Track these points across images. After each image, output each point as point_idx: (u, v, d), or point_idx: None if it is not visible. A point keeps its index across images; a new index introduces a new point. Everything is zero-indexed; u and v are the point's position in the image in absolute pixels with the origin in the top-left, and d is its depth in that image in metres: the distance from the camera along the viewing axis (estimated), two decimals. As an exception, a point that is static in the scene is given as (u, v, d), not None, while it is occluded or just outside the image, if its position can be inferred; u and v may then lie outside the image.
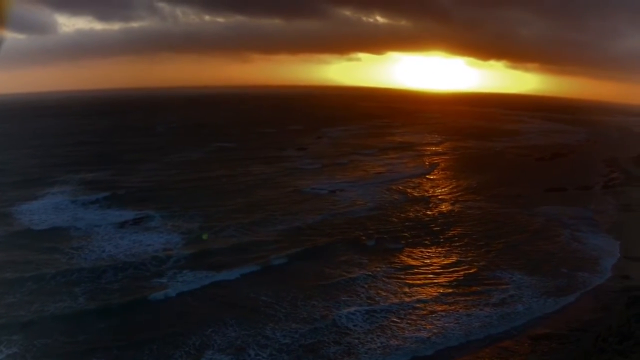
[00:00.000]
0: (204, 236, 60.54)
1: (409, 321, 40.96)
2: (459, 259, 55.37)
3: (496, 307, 43.93)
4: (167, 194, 77.34)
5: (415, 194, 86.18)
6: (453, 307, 43.60)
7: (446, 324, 40.66)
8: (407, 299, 44.91)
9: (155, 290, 44.54)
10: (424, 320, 41.21)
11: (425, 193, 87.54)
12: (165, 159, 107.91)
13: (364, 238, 60.51)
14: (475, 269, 52.29)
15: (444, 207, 77.91)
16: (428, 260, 54.64)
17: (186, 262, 50.48)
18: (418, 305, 43.79)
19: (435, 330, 39.68)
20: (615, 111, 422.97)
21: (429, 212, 74.20)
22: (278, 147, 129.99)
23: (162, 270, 48.61)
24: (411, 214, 72.96)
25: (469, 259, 55.44)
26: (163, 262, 50.39)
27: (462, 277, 50.14)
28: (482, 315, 42.35)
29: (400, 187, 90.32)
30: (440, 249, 58.38)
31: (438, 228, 66.32)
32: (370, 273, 50.05)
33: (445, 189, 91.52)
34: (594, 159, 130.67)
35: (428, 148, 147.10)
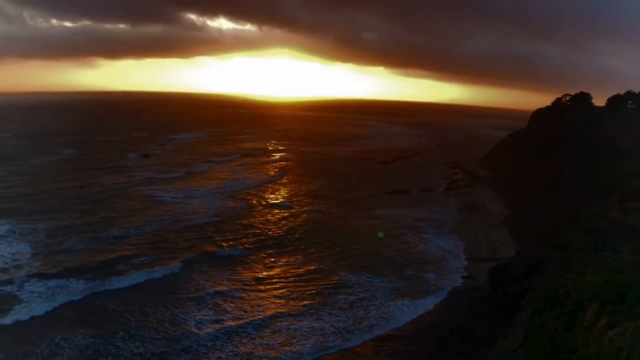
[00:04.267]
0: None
1: (260, 330, 41.65)
2: (307, 266, 56.44)
3: (346, 311, 45.51)
4: (15, 205, 72.90)
5: (267, 201, 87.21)
6: (305, 316, 44.49)
7: (298, 332, 41.62)
8: (258, 309, 45.36)
9: (3, 300, 43.45)
10: (275, 329, 41.95)
11: (277, 200, 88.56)
12: (10, 168, 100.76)
13: (215, 248, 60.26)
14: (323, 275, 53.64)
15: (293, 214, 79.08)
16: (279, 270, 55.42)
17: (36, 272, 49.36)
18: (269, 314, 44.43)
19: (285, 338, 40.57)
20: (462, 113, 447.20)
21: (280, 220, 75.04)
22: (123, 155, 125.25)
23: (11, 280, 47.26)
24: (263, 221, 73.67)
25: (315, 265, 56.68)
26: (12, 272, 49.14)
27: (311, 285, 51.24)
28: (335, 321, 43.75)
29: (252, 194, 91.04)
30: (289, 257, 59.26)
31: (288, 236, 67.44)
32: (221, 285, 50.14)
33: (294, 195, 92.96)
34: (437, 162, 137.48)
35: (277, 154, 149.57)
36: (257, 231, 68.14)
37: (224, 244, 61.63)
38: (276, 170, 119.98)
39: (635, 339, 14.66)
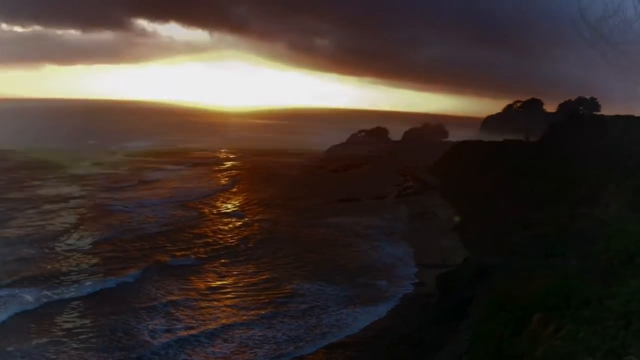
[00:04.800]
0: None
1: (212, 339, 41.51)
2: (260, 275, 56.28)
3: (299, 319, 45.66)
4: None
5: (219, 210, 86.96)
6: (258, 325, 44.47)
7: (250, 340, 41.62)
8: (211, 318, 45.22)
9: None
10: (227, 337, 41.87)
11: (229, 209, 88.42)
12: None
13: (168, 258, 59.79)
14: (276, 284, 53.52)
15: (246, 223, 78.96)
16: (231, 279, 55.13)
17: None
18: (222, 323, 44.28)
19: (238, 347, 40.52)
20: (415, 120, 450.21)
21: (232, 229, 74.90)
22: (75, 164, 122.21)
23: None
24: (216, 230, 73.32)
25: (268, 274, 56.52)
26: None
27: (264, 294, 51.13)
28: (287, 329, 43.82)
29: (204, 202, 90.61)
30: (242, 267, 58.97)
31: (241, 245, 67.19)
32: (174, 294, 49.82)
33: (247, 204, 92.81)
34: (388, 169, 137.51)
35: (229, 163, 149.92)
36: (210, 240, 67.80)
37: (176, 254, 61.13)
38: (228, 179, 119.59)
39: (580, 344, 15.03)
